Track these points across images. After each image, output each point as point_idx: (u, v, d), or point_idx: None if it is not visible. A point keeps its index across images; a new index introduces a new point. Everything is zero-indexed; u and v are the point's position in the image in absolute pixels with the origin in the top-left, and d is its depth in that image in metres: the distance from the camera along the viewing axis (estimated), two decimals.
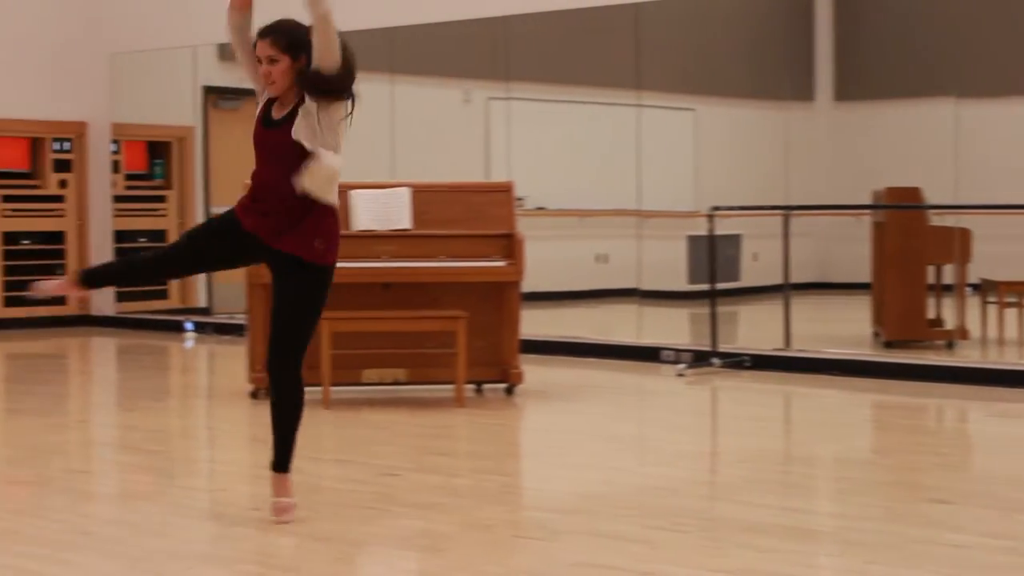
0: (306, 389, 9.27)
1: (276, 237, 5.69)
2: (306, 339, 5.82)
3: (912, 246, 11.43)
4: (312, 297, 5.79)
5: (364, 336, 9.14)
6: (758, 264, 15.14)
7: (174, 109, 14.89)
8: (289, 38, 5.65)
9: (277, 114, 5.71)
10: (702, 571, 5.01)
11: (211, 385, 11.26)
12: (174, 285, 14.85)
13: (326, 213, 5.70)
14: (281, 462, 5.81)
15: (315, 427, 8.33)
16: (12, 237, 14.46)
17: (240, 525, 5.83)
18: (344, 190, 9.33)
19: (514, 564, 5.21)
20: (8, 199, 14.44)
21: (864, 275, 12.58)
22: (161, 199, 14.85)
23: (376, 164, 13.50)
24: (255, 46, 5.70)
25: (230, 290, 13.50)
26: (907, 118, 15.39)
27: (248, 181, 5.79)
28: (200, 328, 13.89)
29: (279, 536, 5.54)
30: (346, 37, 5.77)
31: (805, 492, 6.76)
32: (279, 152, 5.63)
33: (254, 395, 9.23)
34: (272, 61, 5.64)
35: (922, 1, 15.56)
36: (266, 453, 7.72)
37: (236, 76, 14.84)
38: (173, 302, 14.76)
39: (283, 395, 5.85)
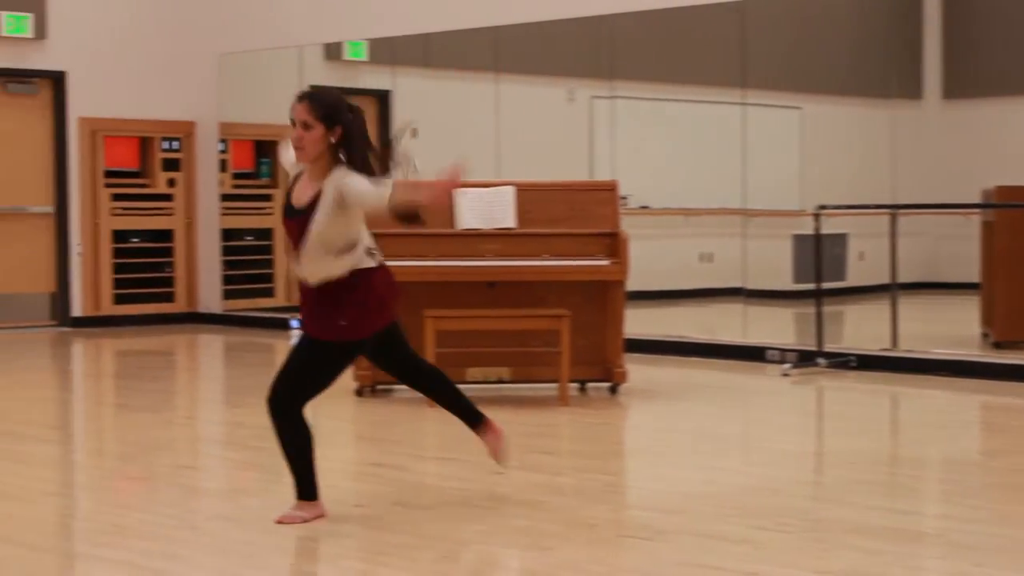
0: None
1: (311, 324, 5.81)
2: (315, 392, 5.95)
3: (1022, 245, 11.27)
4: (333, 364, 5.86)
5: (468, 334, 9.17)
6: (864, 263, 15.00)
7: (280, 108, 14.96)
8: (326, 107, 5.60)
9: (298, 199, 5.71)
10: (806, 572, 4.98)
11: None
12: (280, 283, 14.98)
13: (350, 286, 5.68)
14: (304, 490, 5.85)
15: (420, 425, 8.38)
16: (122, 235, 14.66)
17: (345, 522, 5.87)
18: None
19: (618, 563, 5.21)
20: (118, 198, 14.64)
21: (973, 275, 12.43)
22: (267, 197, 14.98)
23: (481, 163, 13.53)
24: (292, 109, 5.65)
25: None
26: (1017, 115, 15.18)
27: None
28: (304, 325, 13.97)
29: (384, 533, 5.58)
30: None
31: (911, 494, 6.70)
32: (298, 239, 5.71)
33: (359, 393, 9.29)
34: (306, 126, 5.58)
35: None
36: (371, 450, 7.79)
37: (341, 75, 15.00)
38: (279, 300, 14.89)
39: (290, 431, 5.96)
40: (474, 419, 6.07)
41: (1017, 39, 15.37)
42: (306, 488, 5.80)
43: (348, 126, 5.60)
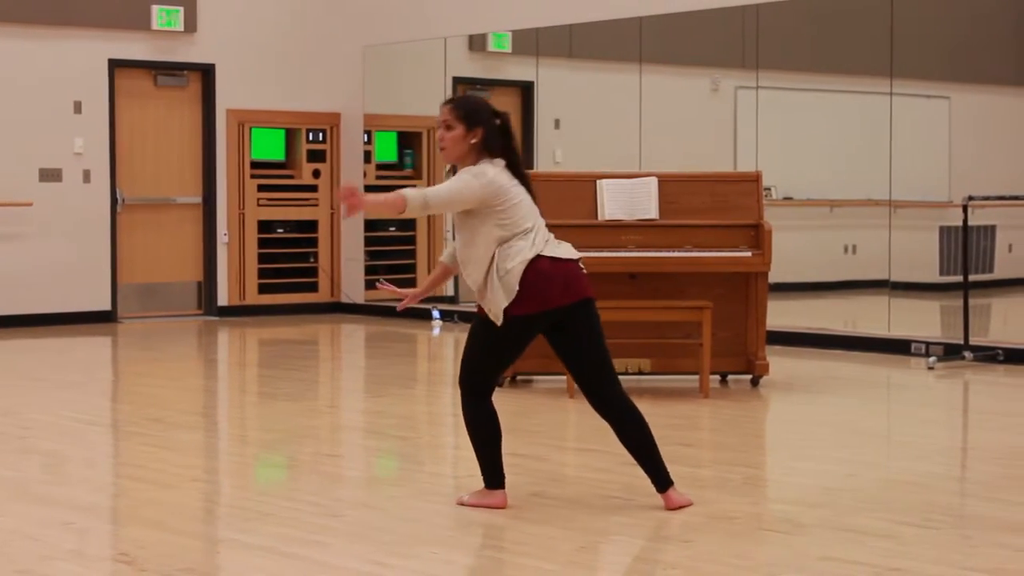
0: (549, 378, 9.39)
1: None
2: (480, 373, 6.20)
3: None
4: (489, 339, 6.25)
5: (609, 325, 9.07)
6: (1013, 255, 14.73)
7: (424, 100, 15.08)
8: (467, 110, 5.78)
9: None
10: (953, 569, 4.90)
11: (457, 373, 11.36)
12: (421, 274, 15.06)
13: (491, 285, 6.12)
14: (488, 478, 5.96)
15: (560, 416, 8.38)
16: (267, 226, 14.85)
17: (485, 512, 5.88)
18: (592, 179, 9.41)
19: (759, 557, 5.17)
20: (264, 188, 14.83)
21: None
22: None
23: (624, 154, 13.50)
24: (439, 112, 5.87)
25: None
26: None
27: None
28: (447, 316, 14.07)
29: (522, 523, 5.58)
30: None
31: None
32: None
33: (499, 383, 9.29)
34: (447, 127, 5.78)
35: None
36: (510, 440, 7.80)
37: (485, 67, 15.05)
38: None
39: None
40: (660, 483, 5.87)
41: None
42: (490, 476, 5.91)
43: (489, 129, 5.78)
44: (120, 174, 14.21)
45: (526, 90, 14.72)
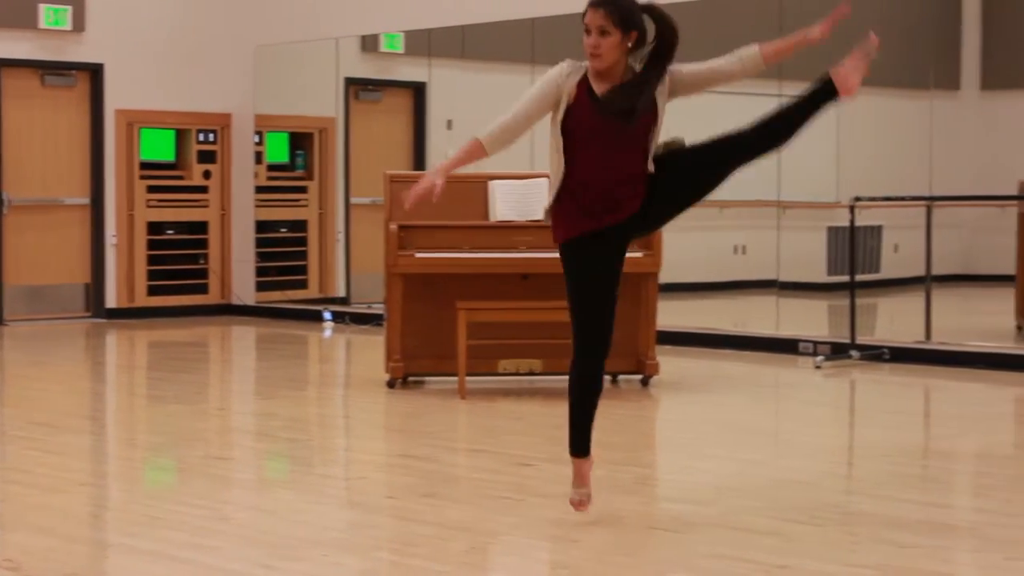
0: (441, 379, 9.39)
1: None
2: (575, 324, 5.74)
3: None
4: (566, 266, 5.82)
5: (501, 326, 9.17)
6: (899, 255, 14.93)
7: (316, 100, 15.04)
8: (623, 13, 5.40)
9: (610, 97, 5.53)
10: (839, 566, 4.96)
11: (348, 374, 11.36)
12: (312, 275, 15.00)
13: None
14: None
15: (451, 416, 8.39)
16: (157, 227, 14.72)
17: (376, 513, 5.89)
18: (484, 180, 9.42)
19: (647, 555, 5.20)
20: (154, 189, 14.70)
21: (1009, 267, 12.37)
22: (302, 189, 15.01)
23: (516, 154, 13.50)
24: (584, 15, 5.46)
25: (368, 280, 13.61)
26: None
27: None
28: (338, 318, 14.02)
29: (414, 524, 5.58)
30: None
31: (944, 487, 6.67)
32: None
33: (390, 384, 9.30)
34: (603, 32, 5.40)
35: None
36: (401, 442, 7.80)
37: (377, 67, 15.00)
38: (312, 292, 14.92)
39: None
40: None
41: None
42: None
43: (644, 30, 5.44)
44: (6, 175, 14.01)
45: (418, 91, 14.71)
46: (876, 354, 10.66)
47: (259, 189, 15.01)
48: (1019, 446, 7.79)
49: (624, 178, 5.50)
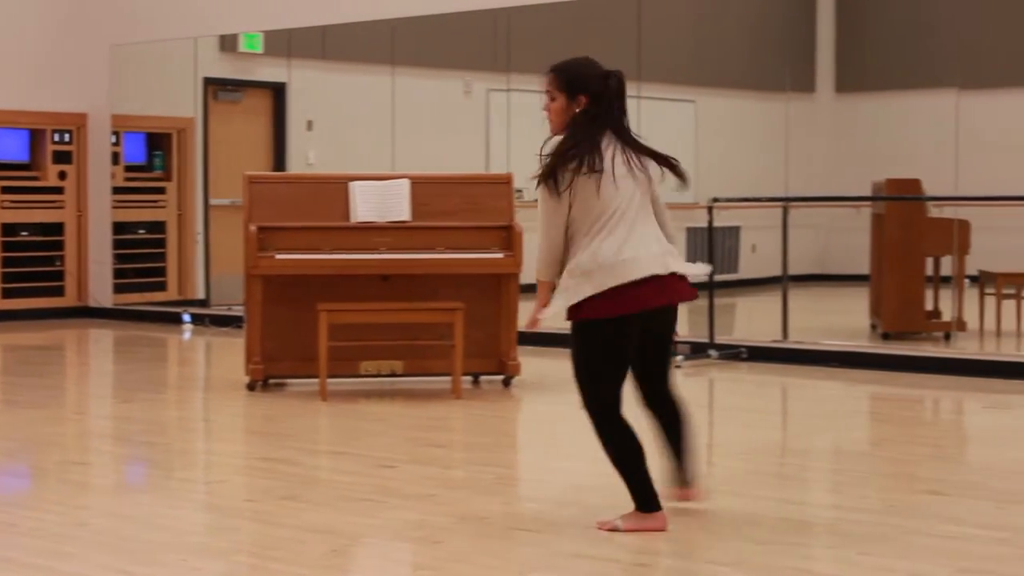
0: (302, 381, 9.33)
1: None
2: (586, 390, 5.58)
3: (911, 238, 11.43)
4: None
5: (362, 328, 9.15)
6: (756, 256, 15.13)
7: (174, 101, 14.88)
8: (569, 76, 5.43)
9: None
10: (698, 563, 5.02)
11: (208, 377, 11.26)
12: (171, 276, 14.85)
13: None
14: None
15: (312, 419, 8.34)
16: (11, 229, 14.46)
17: (236, 517, 5.84)
18: (343, 181, 9.39)
19: (509, 556, 5.22)
20: (7, 190, 14.44)
21: (863, 267, 12.59)
22: (160, 191, 14.84)
23: (376, 155, 13.50)
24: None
25: (228, 282, 13.51)
26: (908, 109, 15.37)
27: None
28: (198, 320, 13.89)
29: (275, 528, 5.55)
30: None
31: (802, 484, 6.77)
32: None
33: (251, 387, 9.24)
34: (551, 97, 5.46)
35: None
36: (261, 444, 7.75)
37: (236, 67, 14.87)
38: (171, 294, 14.77)
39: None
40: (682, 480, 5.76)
41: (908, 34, 15.56)
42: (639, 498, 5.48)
43: (596, 95, 5.39)
44: None
45: (278, 91, 14.62)
46: (734, 353, 10.79)
47: (116, 190, 14.81)
48: (873, 443, 7.93)
49: None
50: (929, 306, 11.68)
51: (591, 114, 5.39)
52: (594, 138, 5.36)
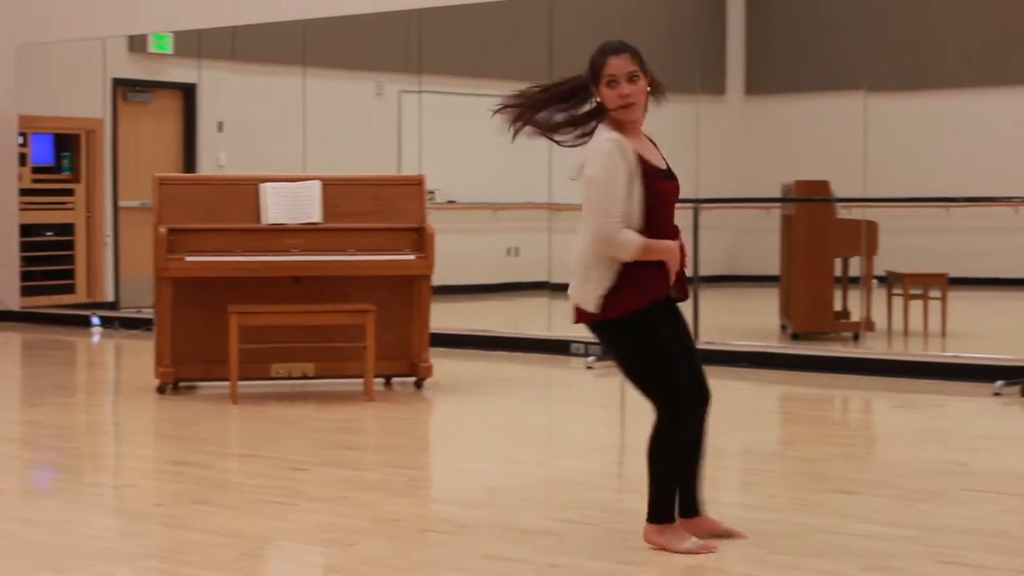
0: (213, 384, 9.27)
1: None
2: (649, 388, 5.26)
3: (820, 239, 11.53)
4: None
5: (273, 330, 9.10)
6: None
7: (83, 101, 14.73)
8: (642, 57, 5.10)
9: (658, 160, 5.27)
10: (609, 563, 5.03)
11: (118, 380, 11.16)
12: (80, 279, 14.70)
13: None
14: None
15: (223, 422, 8.30)
16: None
17: (146, 521, 5.80)
18: (254, 183, 9.34)
19: (422, 558, 5.21)
20: None
21: (773, 268, 12.68)
22: (69, 192, 14.68)
23: (288, 157, 13.44)
24: (602, 67, 5.06)
25: (137, 284, 13.39)
26: (816, 112, 15.51)
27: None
28: (107, 323, 13.77)
29: (184, 532, 5.51)
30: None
31: (712, 483, 6.78)
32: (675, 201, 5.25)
33: (161, 390, 9.17)
34: (633, 79, 5.03)
35: None
36: (172, 448, 7.70)
37: (145, 68, 14.74)
38: (80, 297, 14.62)
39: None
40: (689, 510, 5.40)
41: (817, 37, 15.70)
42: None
43: (652, 75, 5.13)
44: None
45: (188, 92, 14.52)
46: None
47: (23, 192, 14.64)
48: (783, 442, 7.99)
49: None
50: (838, 307, 11.79)
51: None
52: None
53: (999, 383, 9.10)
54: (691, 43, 16.02)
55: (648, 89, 5.10)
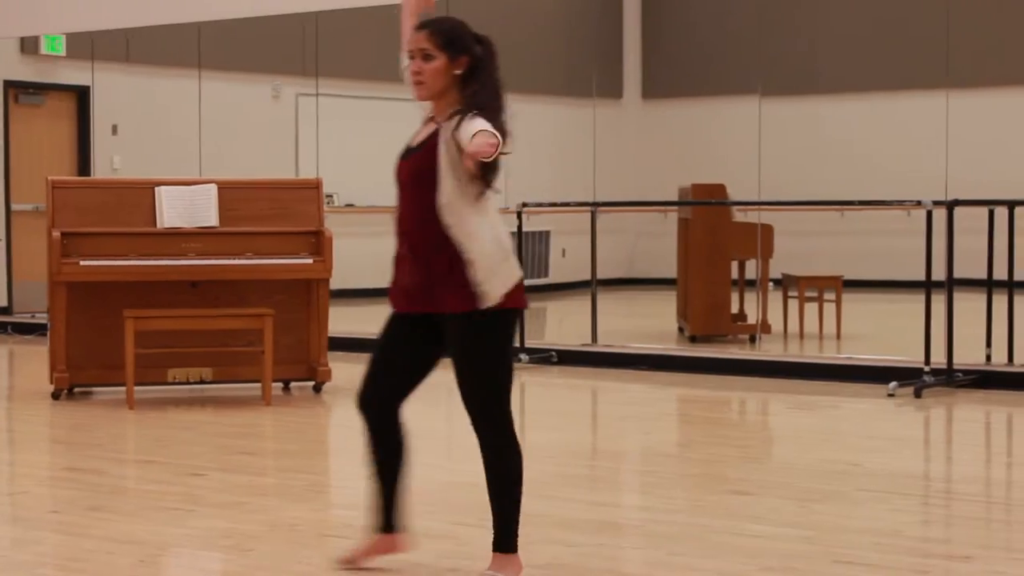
0: (109, 389, 9.18)
1: (430, 298, 4.85)
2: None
3: (716, 242, 11.62)
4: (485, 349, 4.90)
5: (170, 334, 9.03)
6: (566, 260, 15.25)
7: None
8: (450, 35, 4.73)
9: (418, 138, 4.88)
10: None
11: (11, 386, 11.01)
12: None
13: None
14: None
15: (119, 427, 8.22)
16: None
17: (40, 529, 5.73)
18: (151, 187, 9.26)
19: (321, 563, 5.18)
20: None
21: (670, 271, 12.77)
22: None
23: (183, 160, 13.34)
24: (408, 41, 4.85)
25: (31, 289, 13.23)
26: (712, 115, 15.64)
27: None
28: (0, 328, 13.59)
29: (80, 539, 5.45)
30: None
31: (611, 486, 6.84)
32: (422, 179, 4.74)
33: (55, 396, 9.06)
34: (426, 57, 4.73)
35: (727, 1, 15.83)
36: (66, 454, 7.61)
37: (38, 70, 14.58)
38: None
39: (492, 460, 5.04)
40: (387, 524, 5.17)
41: (712, 41, 15.83)
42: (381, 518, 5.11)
43: (476, 57, 4.78)
44: None
45: (82, 95, 14.37)
46: (544, 357, 10.86)
47: None
48: (681, 444, 8.04)
49: None
50: (735, 309, 11.89)
51: (492, 74, 4.84)
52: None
53: (893, 384, 9.22)
54: (588, 47, 16.09)
55: (457, 72, 4.74)
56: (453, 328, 4.83)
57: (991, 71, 14.50)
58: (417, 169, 4.78)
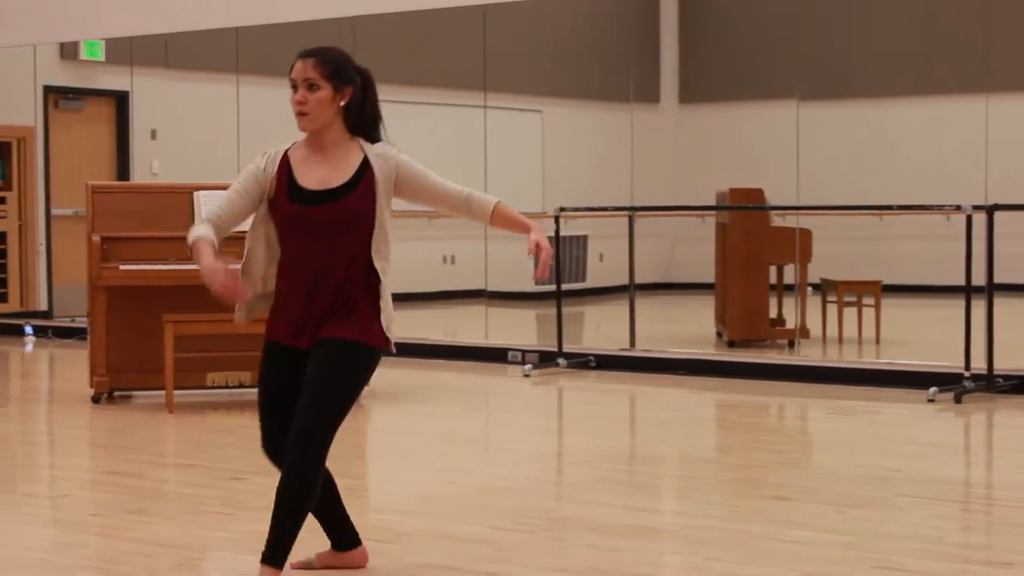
0: (148, 393, 9.21)
1: (319, 329, 4.88)
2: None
3: (754, 247, 11.60)
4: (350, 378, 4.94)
5: (209, 338, 9.05)
6: (604, 265, 15.24)
7: (14, 109, 14.61)
8: (335, 65, 4.71)
9: (322, 179, 4.81)
10: (546, 571, 5.03)
11: (52, 390, 11.07)
12: (13, 288, 14.56)
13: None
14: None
15: (159, 431, 8.25)
16: None
17: (81, 532, 5.75)
18: (188, 191, 9.29)
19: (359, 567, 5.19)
20: None
21: (708, 275, 12.75)
22: (1, 200, 14.56)
23: (222, 165, 13.38)
24: (292, 69, 4.74)
25: (71, 293, 13.30)
26: (750, 120, 15.61)
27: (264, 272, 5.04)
28: (40, 332, 13.66)
29: (121, 542, 5.47)
30: None
31: (649, 491, 6.83)
32: (361, 220, 4.89)
33: (95, 400, 9.10)
34: (311, 87, 4.68)
35: (764, 5, 15.82)
36: (107, 458, 7.65)
37: (77, 75, 14.65)
38: (12, 306, 14.48)
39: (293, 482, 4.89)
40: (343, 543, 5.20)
41: (750, 45, 15.80)
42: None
43: (357, 88, 4.77)
44: None
45: (121, 100, 14.44)
46: (583, 362, 10.85)
47: None
48: (720, 449, 8.02)
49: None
50: (773, 314, 11.86)
51: (375, 104, 4.90)
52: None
53: (933, 389, 9.18)
54: (625, 52, 16.07)
55: (342, 103, 4.75)
56: (330, 349, 4.85)
57: None
58: (356, 210, 4.84)
